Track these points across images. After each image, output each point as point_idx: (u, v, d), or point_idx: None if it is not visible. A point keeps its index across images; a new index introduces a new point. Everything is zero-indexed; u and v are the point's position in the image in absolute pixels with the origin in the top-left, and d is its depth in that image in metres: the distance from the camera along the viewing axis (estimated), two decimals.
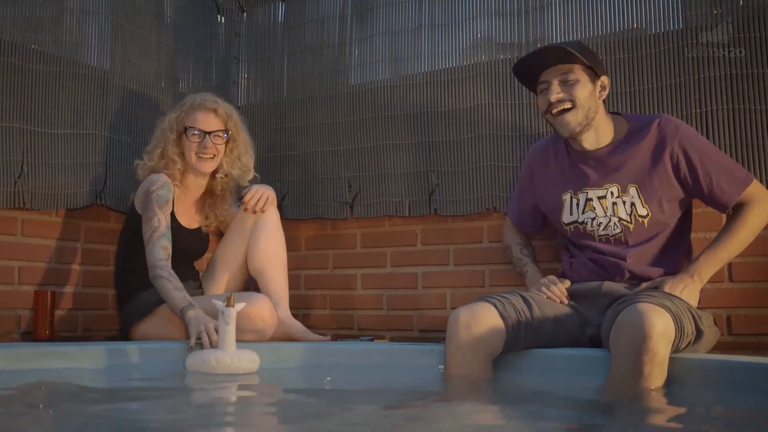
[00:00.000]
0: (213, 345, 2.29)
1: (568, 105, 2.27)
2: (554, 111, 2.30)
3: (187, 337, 2.37)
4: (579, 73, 2.28)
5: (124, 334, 2.77)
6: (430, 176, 3.07)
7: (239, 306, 2.24)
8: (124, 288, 2.81)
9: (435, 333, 3.02)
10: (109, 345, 2.42)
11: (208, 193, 2.95)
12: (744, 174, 2.26)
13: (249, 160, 2.94)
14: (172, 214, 2.75)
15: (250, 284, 3.03)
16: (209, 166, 2.83)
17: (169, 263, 2.58)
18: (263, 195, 2.86)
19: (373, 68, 3.27)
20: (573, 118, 2.28)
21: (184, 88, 3.43)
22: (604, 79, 2.34)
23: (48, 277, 2.87)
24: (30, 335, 2.75)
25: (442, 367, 2.22)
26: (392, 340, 3.00)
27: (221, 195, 2.94)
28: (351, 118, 3.26)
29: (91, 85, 2.95)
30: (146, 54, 3.23)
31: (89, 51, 3.00)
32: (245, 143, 2.93)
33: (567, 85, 2.28)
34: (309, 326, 3.01)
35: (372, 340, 2.84)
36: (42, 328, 2.69)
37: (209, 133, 2.80)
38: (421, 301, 3.11)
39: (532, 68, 2.35)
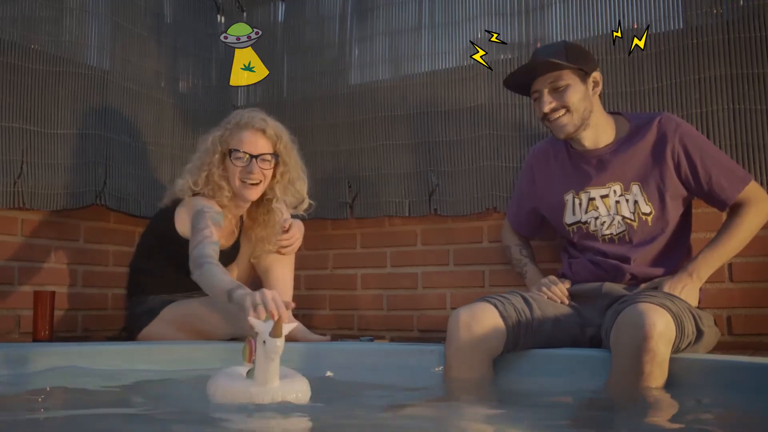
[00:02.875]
0: (277, 314, 1.74)
1: (561, 112, 2.28)
2: (550, 119, 2.30)
3: (197, 337, 2.35)
4: (568, 78, 2.27)
5: (130, 334, 2.74)
6: (430, 176, 3.07)
7: (288, 327, 1.69)
8: (136, 288, 2.75)
9: (435, 333, 3.02)
10: (111, 345, 2.42)
11: (249, 214, 2.74)
12: (743, 173, 2.27)
13: (302, 185, 2.74)
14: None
15: (255, 282, 3.01)
16: (255, 194, 2.61)
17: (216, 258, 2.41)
18: (296, 241, 2.75)
19: (373, 68, 3.27)
20: (568, 121, 2.29)
21: (184, 88, 3.43)
22: (596, 75, 2.33)
23: (47, 278, 2.87)
24: (29, 335, 2.75)
25: (442, 367, 2.21)
26: (392, 340, 3.00)
27: (267, 227, 2.71)
28: (351, 118, 3.26)
29: (91, 85, 2.95)
30: (146, 54, 3.23)
31: (89, 51, 2.99)
32: (297, 167, 2.71)
33: (558, 92, 2.28)
34: (309, 326, 3.00)
35: (372, 340, 2.84)
36: (41, 328, 2.68)
37: (256, 156, 2.57)
38: (421, 301, 3.11)
39: (523, 79, 2.35)
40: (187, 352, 2.35)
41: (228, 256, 2.76)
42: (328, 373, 2.31)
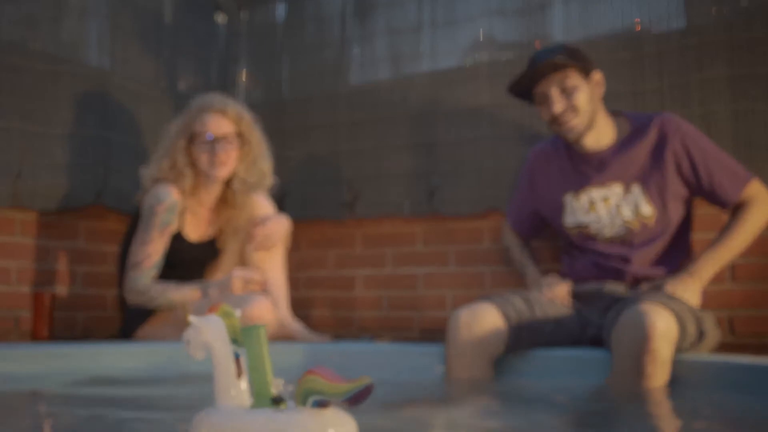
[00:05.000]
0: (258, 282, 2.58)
1: (572, 114, 2.26)
2: (561, 121, 2.28)
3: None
4: (574, 78, 2.25)
5: (126, 335, 2.74)
6: (430, 177, 3.06)
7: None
8: None
9: (435, 334, 3.01)
10: (108, 345, 2.41)
11: (223, 202, 2.78)
12: (745, 172, 2.26)
13: (266, 164, 2.77)
14: (179, 233, 2.68)
15: None
16: (223, 173, 2.65)
17: (155, 283, 2.60)
18: (274, 234, 2.75)
19: (373, 68, 3.27)
20: (578, 122, 2.27)
21: (184, 88, 3.43)
22: (598, 76, 2.31)
23: (46, 278, 2.86)
24: (28, 336, 2.74)
25: (442, 368, 2.21)
26: (392, 341, 2.99)
27: (238, 209, 2.75)
28: (351, 118, 3.25)
29: (91, 85, 2.95)
30: (146, 54, 3.23)
31: (89, 51, 3.00)
32: (260, 146, 2.75)
33: (566, 92, 2.26)
34: (309, 327, 2.99)
35: (371, 339, 2.83)
36: (40, 329, 2.68)
37: (220, 137, 2.63)
38: (421, 302, 3.10)
39: (527, 83, 2.32)
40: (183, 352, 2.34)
41: (205, 252, 2.78)
42: None
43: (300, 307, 3.29)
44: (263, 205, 2.84)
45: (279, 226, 2.80)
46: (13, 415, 1.56)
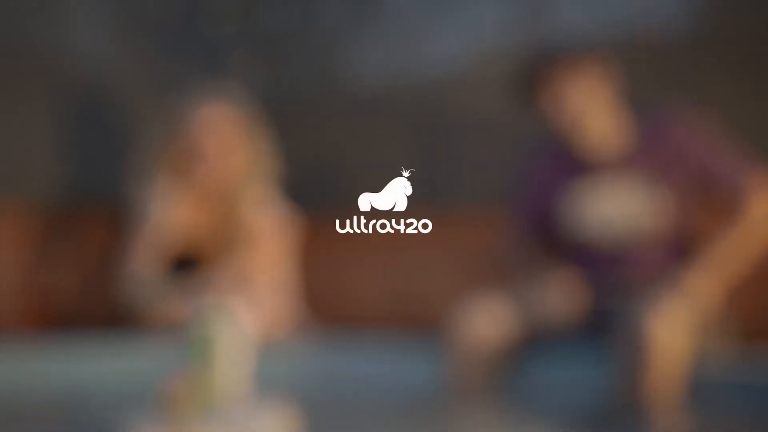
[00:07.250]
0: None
1: (572, 114, 2.25)
2: (565, 119, 2.27)
3: None
4: (576, 76, 2.24)
5: (125, 326, 2.72)
6: (431, 175, 3.07)
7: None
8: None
9: (436, 333, 3.00)
10: (110, 342, 2.40)
11: (221, 203, 2.70)
12: (751, 167, 2.23)
13: (265, 165, 2.69)
14: (173, 245, 2.66)
15: None
16: (213, 177, 2.60)
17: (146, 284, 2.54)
18: (270, 234, 2.68)
19: (374, 69, 3.28)
20: (579, 122, 2.26)
21: (183, 88, 3.43)
22: (601, 73, 2.30)
23: (44, 276, 2.87)
24: (25, 335, 2.74)
25: (442, 367, 2.20)
26: (391, 339, 2.99)
27: (235, 210, 2.67)
28: (352, 118, 3.26)
29: (89, 84, 2.96)
30: (146, 53, 3.23)
31: (87, 49, 3.00)
32: (258, 146, 2.67)
33: (567, 92, 2.25)
34: (307, 326, 2.99)
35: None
36: (37, 326, 2.68)
37: (211, 139, 2.58)
38: (422, 300, 3.10)
39: (529, 80, 2.31)
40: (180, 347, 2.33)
41: (196, 265, 2.70)
42: (324, 378, 2.29)
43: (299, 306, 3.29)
44: (260, 206, 2.80)
45: (275, 228, 2.77)
46: (10, 414, 1.55)
